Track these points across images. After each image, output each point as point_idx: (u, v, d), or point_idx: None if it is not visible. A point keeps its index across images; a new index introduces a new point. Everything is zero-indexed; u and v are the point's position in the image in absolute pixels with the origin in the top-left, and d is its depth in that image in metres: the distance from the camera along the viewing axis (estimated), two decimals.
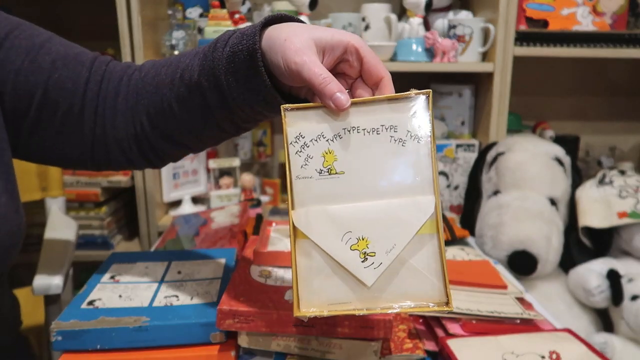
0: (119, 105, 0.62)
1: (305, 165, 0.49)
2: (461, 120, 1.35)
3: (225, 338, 0.64)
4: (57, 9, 1.42)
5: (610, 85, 1.59)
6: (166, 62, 0.60)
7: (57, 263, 0.93)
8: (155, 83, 0.60)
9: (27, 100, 0.59)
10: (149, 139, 0.62)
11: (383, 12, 1.30)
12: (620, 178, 1.11)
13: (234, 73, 0.52)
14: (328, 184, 0.49)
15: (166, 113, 0.59)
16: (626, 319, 0.97)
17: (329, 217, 0.48)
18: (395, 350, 0.65)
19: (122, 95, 0.62)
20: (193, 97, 0.56)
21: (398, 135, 0.48)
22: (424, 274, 0.47)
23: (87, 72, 0.61)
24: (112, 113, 0.62)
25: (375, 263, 0.47)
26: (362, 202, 0.48)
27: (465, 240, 1.07)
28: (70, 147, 0.63)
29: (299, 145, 0.49)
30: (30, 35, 0.60)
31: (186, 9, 1.40)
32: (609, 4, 1.26)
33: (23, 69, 0.58)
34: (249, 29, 0.52)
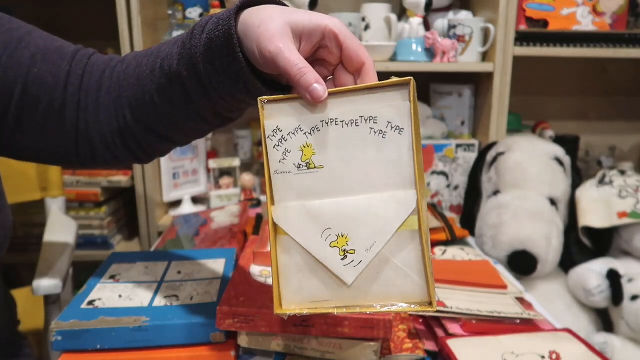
0: (101, 99, 0.59)
1: (283, 160, 0.47)
2: (461, 120, 1.35)
3: (225, 338, 0.64)
4: (57, 9, 1.42)
5: (610, 85, 1.59)
6: (147, 53, 0.58)
7: (57, 263, 0.93)
8: (136, 74, 0.57)
9: (7, 97, 0.57)
10: (134, 132, 0.60)
11: (383, 12, 1.30)
12: (620, 178, 1.11)
13: (211, 60, 0.50)
14: (307, 179, 0.47)
15: (148, 105, 0.57)
16: (626, 319, 0.97)
17: (308, 213, 0.47)
18: (395, 350, 0.65)
19: (105, 88, 0.60)
20: (173, 88, 0.54)
21: (378, 126, 0.46)
22: (406, 273, 0.45)
23: (67, 65, 0.59)
24: (94, 107, 0.60)
25: (355, 261, 0.46)
26: (342, 198, 0.46)
27: (465, 240, 1.07)
28: (54, 143, 0.61)
29: (276, 139, 0.47)
30: (9, 30, 0.58)
31: (186, 9, 1.40)
32: (609, 4, 1.26)
33: (1, 64, 0.56)
34: (224, 14, 0.49)
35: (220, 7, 1.22)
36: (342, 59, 0.48)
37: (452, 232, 1.03)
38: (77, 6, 1.41)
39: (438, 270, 0.79)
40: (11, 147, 0.61)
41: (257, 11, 0.48)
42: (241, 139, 1.48)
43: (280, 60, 0.45)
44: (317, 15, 0.47)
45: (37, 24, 0.64)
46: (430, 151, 1.30)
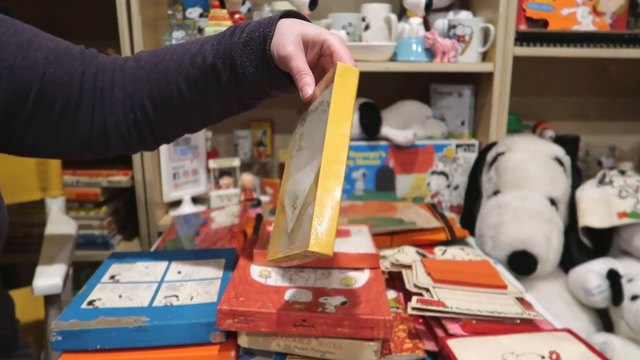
0: (115, 95, 0.66)
1: (294, 147, 0.63)
2: (461, 120, 1.35)
3: (225, 338, 0.64)
4: (57, 9, 1.42)
5: (610, 85, 1.59)
6: (167, 51, 0.66)
7: (57, 263, 0.93)
8: (159, 69, 0.65)
9: (23, 96, 0.61)
10: (151, 122, 0.67)
11: (383, 12, 1.30)
12: (620, 178, 1.11)
13: (249, 54, 0.61)
14: (296, 159, 0.61)
15: (173, 96, 0.65)
16: (626, 319, 0.97)
17: (291, 184, 0.59)
18: (395, 350, 0.65)
19: (119, 84, 0.66)
20: (206, 78, 0.64)
21: (323, 107, 0.56)
22: (311, 222, 0.50)
23: (80, 65, 0.64)
24: (110, 103, 0.65)
25: (295, 213, 0.55)
26: (305, 168, 0.56)
27: (465, 240, 1.07)
28: (67, 139, 0.65)
29: (295, 134, 0.65)
30: (16, 32, 0.62)
31: (186, 9, 1.40)
32: (609, 4, 1.26)
33: (17, 66, 0.60)
34: (266, 19, 0.62)
35: (220, 7, 1.22)
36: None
37: (452, 232, 1.03)
38: (77, 6, 1.41)
39: (438, 270, 0.79)
40: (20, 144, 0.65)
41: (285, 22, 0.61)
42: (241, 139, 1.48)
43: (289, 62, 0.58)
44: (321, 29, 0.60)
45: (37, 24, 0.65)
46: (430, 151, 1.30)
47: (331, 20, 1.33)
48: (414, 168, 1.31)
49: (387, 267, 0.84)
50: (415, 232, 1.00)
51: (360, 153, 1.28)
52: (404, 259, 0.83)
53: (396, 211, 1.10)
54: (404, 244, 0.96)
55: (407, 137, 1.25)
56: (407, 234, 0.99)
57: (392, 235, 0.99)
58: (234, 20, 1.22)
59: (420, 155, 1.30)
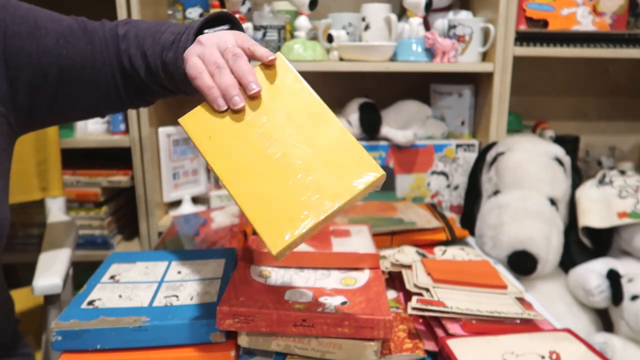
0: (122, 54, 0.71)
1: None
2: (461, 120, 1.35)
3: (225, 338, 0.64)
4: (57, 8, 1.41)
5: (610, 85, 1.59)
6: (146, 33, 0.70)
7: (57, 263, 0.93)
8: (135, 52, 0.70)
9: (44, 79, 0.66)
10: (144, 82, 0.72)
11: (383, 12, 1.30)
12: (620, 178, 1.11)
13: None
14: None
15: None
16: (626, 319, 0.97)
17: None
18: (395, 350, 0.65)
19: (120, 51, 0.71)
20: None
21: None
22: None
23: (87, 44, 0.70)
24: (126, 61, 0.70)
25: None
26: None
27: (465, 240, 1.07)
28: (89, 102, 0.71)
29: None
30: (22, 17, 0.65)
31: (186, 9, 1.40)
32: (609, 4, 1.26)
33: (34, 52, 0.64)
34: (183, 43, 0.65)
35: (220, 7, 1.22)
36: None
37: (452, 232, 1.03)
38: (77, 6, 1.41)
39: (438, 270, 0.79)
40: (43, 119, 0.70)
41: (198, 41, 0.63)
42: None
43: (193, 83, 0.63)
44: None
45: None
46: (430, 151, 1.30)
47: (331, 20, 1.33)
48: (414, 168, 1.31)
49: (387, 267, 0.84)
50: (415, 232, 1.00)
51: None
52: (404, 259, 0.83)
53: (396, 211, 1.10)
54: (404, 244, 0.96)
55: (407, 137, 1.25)
56: (407, 234, 0.99)
57: (392, 235, 0.99)
58: None
59: (420, 155, 1.30)
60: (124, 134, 1.27)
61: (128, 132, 1.24)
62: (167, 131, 1.28)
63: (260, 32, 1.27)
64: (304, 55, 1.22)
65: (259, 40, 1.26)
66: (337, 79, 1.51)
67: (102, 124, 1.29)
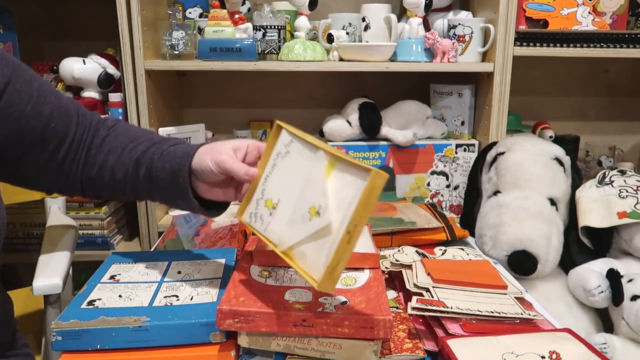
0: (91, 157, 0.75)
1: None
2: (461, 120, 1.35)
3: (225, 338, 0.64)
4: (58, 9, 1.42)
5: (610, 85, 1.59)
6: (134, 137, 0.76)
7: (57, 263, 0.93)
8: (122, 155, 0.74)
9: (23, 138, 0.69)
10: (101, 187, 0.77)
11: (383, 12, 1.30)
12: (620, 178, 1.11)
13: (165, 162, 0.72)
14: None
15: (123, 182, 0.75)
16: (626, 319, 0.96)
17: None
18: (395, 350, 0.65)
19: (96, 149, 0.75)
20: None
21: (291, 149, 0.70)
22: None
23: (75, 125, 0.74)
24: (84, 160, 0.75)
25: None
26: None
27: (465, 240, 1.07)
28: (45, 176, 0.74)
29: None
30: (27, 81, 0.70)
31: (186, 9, 1.40)
32: (609, 4, 1.26)
33: (26, 114, 0.68)
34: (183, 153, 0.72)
35: (220, 8, 1.22)
36: None
37: (452, 232, 1.03)
38: (77, 6, 1.41)
39: (438, 270, 0.79)
40: (10, 174, 0.74)
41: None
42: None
43: (226, 166, 0.69)
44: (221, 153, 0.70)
45: (38, 24, 0.65)
46: (430, 151, 1.30)
47: (331, 20, 1.33)
48: (414, 168, 1.31)
49: (387, 267, 0.84)
50: (415, 232, 1.00)
51: (360, 153, 1.28)
52: (404, 259, 0.83)
53: (396, 211, 1.10)
54: (404, 244, 0.96)
55: (407, 137, 1.25)
56: (407, 233, 0.99)
57: (392, 235, 0.99)
58: (234, 20, 1.22)
59: (420, 155, 1.30)
60: None
61: None
62: (167, 131, 1.28)
63: (260, 32, 1.27)
64: (304, 55, 1.22)
65: (259, 39, 1.26)
66: (337, 79, 1.51)
67: None
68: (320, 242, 0.58)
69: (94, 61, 1.24)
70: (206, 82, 1.52)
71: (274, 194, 0.68)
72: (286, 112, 1.54)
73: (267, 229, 0.66)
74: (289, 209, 0.64)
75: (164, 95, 1.34)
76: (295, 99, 1.54)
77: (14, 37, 1.20)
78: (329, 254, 0.55)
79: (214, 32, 1.20)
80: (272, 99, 1.53)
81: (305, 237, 0.60)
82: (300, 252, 0.61)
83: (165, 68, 1.24)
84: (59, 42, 1.44)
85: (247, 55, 1.19)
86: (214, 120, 1.50)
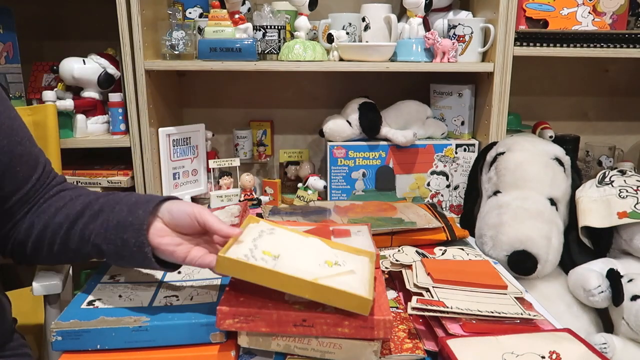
0: (36, 219, 0.72)
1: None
2: (461, 120, 1.35)
3: (225, 338, 0.64)
4: (58, 9, 1.42)
5: (610, 85, 1.59)
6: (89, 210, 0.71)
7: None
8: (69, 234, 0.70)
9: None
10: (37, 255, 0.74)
11: (383, 12, 1.30)
12: (620, 178, 1.11)
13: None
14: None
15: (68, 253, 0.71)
16: (626, 319, 0.96)
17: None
18: (395, 350, 0.65)
19: (43, 211, 0.73)
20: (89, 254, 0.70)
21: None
22: None
23: (35, 178, 0.73)
24: (29, 221, 0.73)
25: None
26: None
27: (465, 240, 1.07)
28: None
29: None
30: (8, 117, 0.70)
31: (186, 9, 1.40)
32: (609, 4, 1.26)
33: (2, 147, 0.68)
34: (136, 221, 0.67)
35: (220, 8, 1.22)
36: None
37: (452, 232, 1.03)
38: (77, 6, 1.41)
39: (438, 270, 0.79)
40: None
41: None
42: (241, 139, 1.48)
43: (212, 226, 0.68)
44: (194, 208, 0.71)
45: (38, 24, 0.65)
46: (430, 151, 1.30)
47: (331, 20, 1.33)
48: (414, 168, 1.31)
49: (387, 267, 0.84)
50: (415, 232, 1.00)
51: (360, 153, 1.28)
52: (404, 259, 0.83)
53: (396, 211, 1.10)
54: (404, 244, 0.97)
55: (407, 137, 1.25)
56: (407, 233, 0.99)
57: (392, 235, 0.99)
58: (234, 20, 1.22)
59: (420, 155, 1.30)
60: (124, 134, 1.27)
61: (128, 132, 1.24)
62: (167, 131, 1.28)
63: (260, 32, 1.27)
64: (304, 55, 1.22)
65: (259, 39, 1.26)
66: (337, 79, 1.51)
67: (102, 124, 1.29)
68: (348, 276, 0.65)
69: (94, 61, 1.24)
70: (206, 82, 1.52)
71: (271, 249, 0.68)
72: (286, 112, 1.54)
73: (276, 266, 0.64)
74: (297, 260, 0.66)
75: (164, 95, 1.34)
76: (295, 99, 1.54)
77: (14, 37, 1.20)
78: (363, 279, 0.65)
79: (214, 32, 1.20)
80: (272, 99, 1.53)
81: (332, 274, 0.64)
82: (329, 281, 0.62)
83: (165, 68, 1.24)
84: (59, 42, 1.43)
85: (247, 55, 1.19)
86: (214, 120, 1.50)
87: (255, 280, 0.61)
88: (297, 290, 0.60)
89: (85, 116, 1.25)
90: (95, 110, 1.28)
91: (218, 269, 0.62)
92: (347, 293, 0.59)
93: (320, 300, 0.60)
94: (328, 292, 0.59)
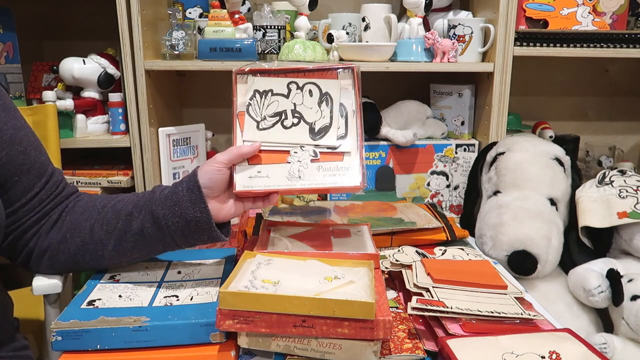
0: (45, 229, 0.74)
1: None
2: (461, 120, 1.35)
3: (225, 338, 0.64)
4: (58, 9, 1.42)
5: (610, 85, 1.59)
6: (102, 218, 0.73)
7: None
8: (91, 230, 0.73)
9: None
10: (58, 259, 0.76)
11: (383, 12, 1.30)
12: (620, 178, 1.11)
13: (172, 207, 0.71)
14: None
15: (98, 251, 0.73)
16: (626, 319, 0.96)
17: None
18: (395, 350, 0.65)
19: (57, 226, 0.75)
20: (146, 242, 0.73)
21: None
22: None
23: (39, 188, 0.73)
24: (37, 231, 0.74)
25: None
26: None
27: (465, 240, 1.07)
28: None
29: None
30: (14, 127, 0.71)
31: (186, 9, 1.40)
32: (609, 4, 1.26)
33: (1, 158, 0.69)
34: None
35: (220, 8, 1.22)
36: None
37: (452, 232, 1.03)
38: (77, 6, 1.41)
39: (438, 270, 0.79)
40: None
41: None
42: None
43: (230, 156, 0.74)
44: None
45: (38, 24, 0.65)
46: (430, 151, 1.30)
47: (331, 20, 1.33)
48: (414, 168, 1.31)
49: (387, 267, 0.84)
50: (415, 232, 1.00)
51: None
52: (404, 259, 0.83)
53: (396, 211, 1.10)
54: (404, 244, 0.97)
55: (407, 137, 1.25)
56: (407, 234, 0.99)
57: (392, 235, 0.99)
58: (234, 20, 1.22)
59: (420, 155, 1.30)
60: (124, 134, 1.27)
61: (128, 132, 1.24)
62: (167, 131, 1.28)
63: (260, 32, 1.27)
64: (304, 55, 1.22)
65: (259, 39, 1.26)
66: None
67: (102, 124, 1.29)
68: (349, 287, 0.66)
69: (94, 61, 1.24)
70: (206, 82, 1.52)
71: (270, 277, 0.68)
72: None
73: (277, 292, 0.64)
74: (297, 282, 0.67)
75: (164, 95, 1.34)
76: None
77: (14, 37, 1.20)
78: (364, 286, 0.67)
79: (214, 32, 1.20)
80: None
81: (332, 288, 0.65)
82: (331, 294, 0.64)
83: (165, 68, 1.24)
84: (59, 42, 1.43)
85: (247, 55, 1.19)
86: (214, 120, 1.50)
87: (259, 308, 0.61)
88: (301, 309, 0.61)
89: (85, 116, 1.26)
90: (95, 110, 1.28)
91: (221, 305, 0.62)
92: (349, 301, 0.60)
93: (326, 314, 0.61)
94: (331, 305, 0.60)
